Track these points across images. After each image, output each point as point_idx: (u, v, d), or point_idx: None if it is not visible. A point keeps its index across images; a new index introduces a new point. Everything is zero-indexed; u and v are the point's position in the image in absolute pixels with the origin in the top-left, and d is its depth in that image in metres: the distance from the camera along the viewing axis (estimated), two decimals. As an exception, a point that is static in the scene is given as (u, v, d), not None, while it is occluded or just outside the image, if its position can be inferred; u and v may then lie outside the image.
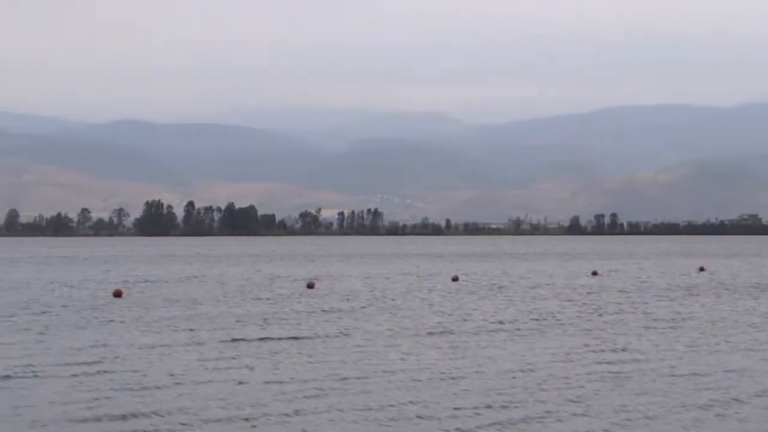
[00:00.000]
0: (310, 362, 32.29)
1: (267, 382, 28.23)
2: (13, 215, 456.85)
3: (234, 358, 33.13)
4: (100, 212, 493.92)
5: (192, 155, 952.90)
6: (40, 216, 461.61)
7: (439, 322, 45.36)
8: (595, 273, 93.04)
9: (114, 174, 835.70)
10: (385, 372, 30.27)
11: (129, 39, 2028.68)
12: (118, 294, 61.07)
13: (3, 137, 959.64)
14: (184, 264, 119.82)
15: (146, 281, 79.32)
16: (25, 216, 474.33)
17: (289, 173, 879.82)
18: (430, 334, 40.82)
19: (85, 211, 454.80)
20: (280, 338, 38.82)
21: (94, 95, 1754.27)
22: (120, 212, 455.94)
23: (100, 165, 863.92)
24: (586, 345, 37.22)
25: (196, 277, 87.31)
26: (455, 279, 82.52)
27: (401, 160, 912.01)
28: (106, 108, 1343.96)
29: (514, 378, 29.41)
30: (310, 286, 68.41)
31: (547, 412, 24.50)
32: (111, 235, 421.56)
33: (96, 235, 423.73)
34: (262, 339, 38.48)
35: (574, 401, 25.84)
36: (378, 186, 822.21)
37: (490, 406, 25.03)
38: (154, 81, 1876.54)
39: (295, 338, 38.86)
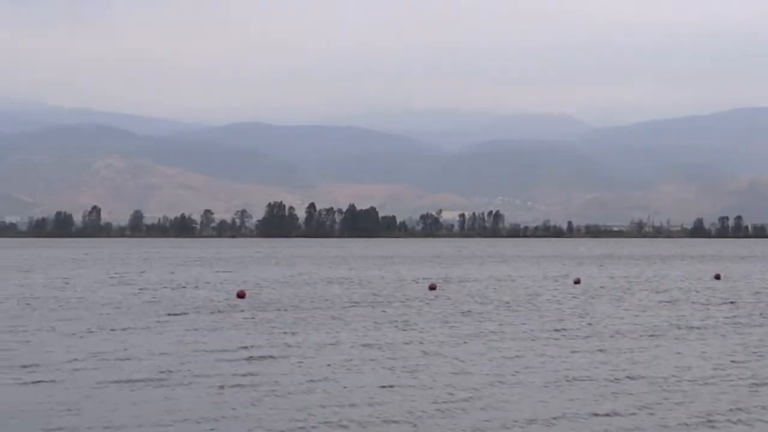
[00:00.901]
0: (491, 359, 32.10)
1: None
2: (137, 216, 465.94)
3: (373, 360, 33.07)
4: (223, 214, 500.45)
5: (314, 157, 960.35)
6: (164, 217, 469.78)
7: (577, 325, 44.79)
8: (718, 276, 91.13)
9: (236, 176, 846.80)
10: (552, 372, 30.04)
11: (251, 42, 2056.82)
12: (241, 295, 61.35)
13: (129, 139, 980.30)
14: (311, 265, 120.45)
15: (275, 282, 79.91)
16: (149, 217, 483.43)
17: (410, 175, 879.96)
18: (574, 336, 40.36)
19: (207, 213, 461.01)
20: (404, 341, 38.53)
21: (216, 98, 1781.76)
22: (242, 214, 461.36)
23: (223, 167, 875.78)
24: (735, 349, 36.42)
25: (333, 278, 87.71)
26: (577, 282, 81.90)
27: (523, 161, 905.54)
28: (228, 110, 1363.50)
29: (674, 381, 29.03)
30: (432, 288, 67.49)
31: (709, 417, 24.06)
32: (233, 236, 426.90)
33: (218, 236, 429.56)
34: (408, 342, 38.33)
35: (736, 408, 25.29)
36: (499, 188, 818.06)
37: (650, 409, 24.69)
38: (274, 83, 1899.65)
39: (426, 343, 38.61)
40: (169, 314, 48.96)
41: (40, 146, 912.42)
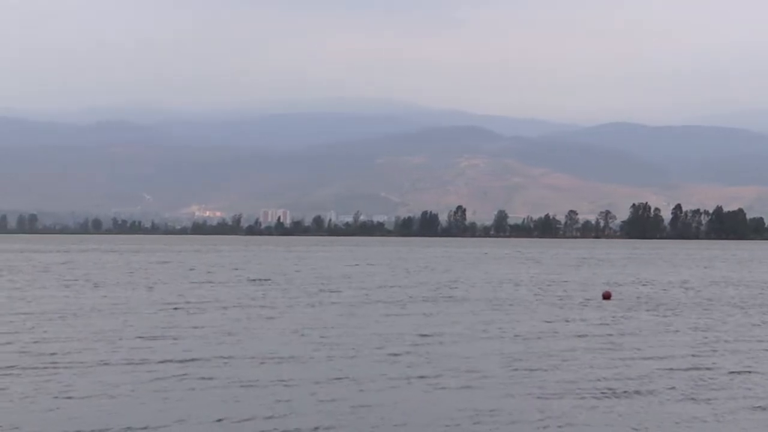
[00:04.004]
0: None
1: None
2: (502, 216, 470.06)
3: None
4: (587, 214, 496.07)
5: (680, 158, 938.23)
6: (529, 217, 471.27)
7: None
8: None
9: (602, 176, 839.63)
10: None
11: (621, 44, 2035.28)
12: (606, 296, 58.30)
13: (495, 140, 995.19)
14: (673, 267, 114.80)
15: (636, 283, 76.01)
16: (513, 217, 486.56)
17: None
18: None
19: (572, 213, 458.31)
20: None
21: (588, 98, 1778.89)
22: (606, 215, 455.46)
23: (588, 167, 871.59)
24: None
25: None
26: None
27: None
28: (597, 111, 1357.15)
29: None
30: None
31: None
32: (597, 237, 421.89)
33: (582, 237, 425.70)
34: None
35: None
36: None
37: None
38: (648, 84, 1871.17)
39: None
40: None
41: (408, 147, 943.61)
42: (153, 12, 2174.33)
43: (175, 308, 44.89)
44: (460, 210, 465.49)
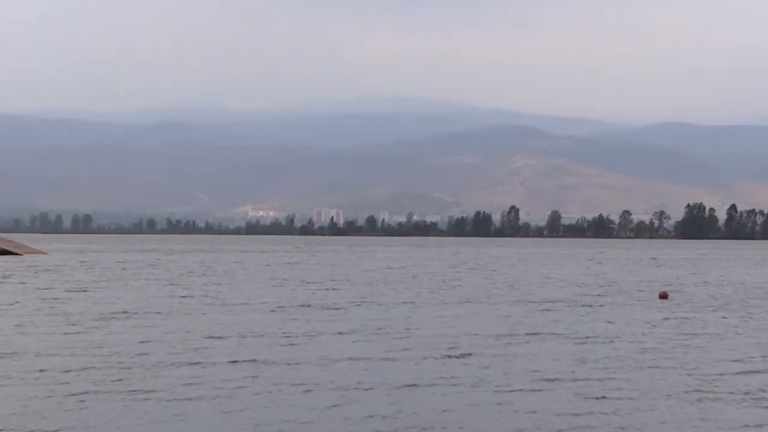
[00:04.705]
0: None
1: None
2: (555, 216, 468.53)
3: None
4: (641, 215, 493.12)
5: (737, 157, 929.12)
6: (582, 218, 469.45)
7: None
8: None
9: (655, 176, 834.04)
10: None
11: (674, 42, 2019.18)
12: (663, 296, 57.88)
13: (546, 139, 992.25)
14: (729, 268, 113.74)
15: (694, 283, 75.45)
16: (567, 217, 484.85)
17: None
18: None
19: (625, 213, 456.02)
20: None
21: (640, 98, 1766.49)
22: (660, 215, 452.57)
23: (641, 167, 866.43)
24: None
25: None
26: None
27: None
28: (646, 111, 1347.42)
29: None
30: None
31: None
32: (651, 237, 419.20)
33: (636, 237, 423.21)
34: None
35: None
36: None
37: None
38: (696, 83, 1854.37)
39: None
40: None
41: (460, 147, 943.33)
42: (207, 12, 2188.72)
43: (273, 310, 45.03)
44: (514, 210, 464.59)
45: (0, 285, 62.27)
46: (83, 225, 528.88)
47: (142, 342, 31.42)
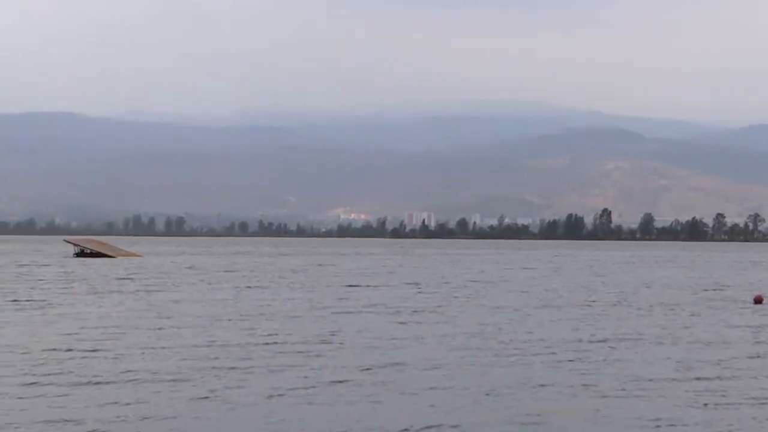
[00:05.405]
0: None
1: None
2: (648, 219, 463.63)
3: None
4: (735, 217, 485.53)
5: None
6: (676, 221, 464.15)
7: None
8: None
9: (749, 178, 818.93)
10: None
11: (765, 43, 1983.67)
12: (759, 300, 57.67)
13: (639, 142, 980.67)
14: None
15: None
16: (660, 220, 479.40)
17: None
18: None
19: (719, 216, 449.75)
20: None
21: (732, 100, 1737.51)
22: (755, 218, 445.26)
23: (734, 169, 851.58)
24: None
25: None
26: None
27: None
28: (744, 113, 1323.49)
29: None
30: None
31: None
32: (745, 240, 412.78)
33: (729, 240, 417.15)
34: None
35: None
36: None
37: None
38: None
39: None
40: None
41: (549, 149, 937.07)
42: (301, 16, 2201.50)
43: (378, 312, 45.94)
44: (606, 213, 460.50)
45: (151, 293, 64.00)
46: (176, 228, 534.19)
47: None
